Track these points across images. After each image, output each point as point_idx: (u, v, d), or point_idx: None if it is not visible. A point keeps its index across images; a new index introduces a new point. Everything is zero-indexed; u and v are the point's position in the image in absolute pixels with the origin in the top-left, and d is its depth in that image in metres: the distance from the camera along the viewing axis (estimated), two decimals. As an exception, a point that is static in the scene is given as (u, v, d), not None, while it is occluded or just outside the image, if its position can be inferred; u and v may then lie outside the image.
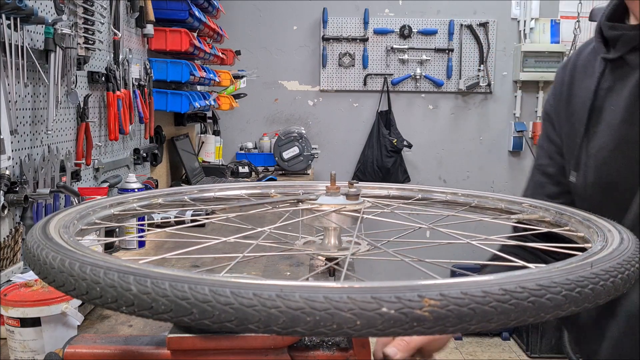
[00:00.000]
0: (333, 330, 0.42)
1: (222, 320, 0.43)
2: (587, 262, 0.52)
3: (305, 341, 0.72)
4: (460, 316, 0.43)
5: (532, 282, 0.46)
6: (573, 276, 0.48)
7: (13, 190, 1.44)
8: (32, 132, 1.61)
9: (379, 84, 4.25)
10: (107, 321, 1.21)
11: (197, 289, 0.44)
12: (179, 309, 0.44)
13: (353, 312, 0.42)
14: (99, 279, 0.47)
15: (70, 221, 0.71)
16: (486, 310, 0.44)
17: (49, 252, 0.54)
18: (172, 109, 2.71)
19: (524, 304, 0.45)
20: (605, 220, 0.72)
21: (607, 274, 0.51)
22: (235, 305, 0.43)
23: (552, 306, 0.46)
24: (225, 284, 0.44)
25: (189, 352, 0.69)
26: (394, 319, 0.42)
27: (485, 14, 4.25)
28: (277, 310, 0.42)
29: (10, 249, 1.38)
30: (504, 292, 0.44)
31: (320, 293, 0.43)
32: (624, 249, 0.58)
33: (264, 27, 4.23)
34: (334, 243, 0.74)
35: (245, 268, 1.58)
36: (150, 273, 0.46)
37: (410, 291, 0.43)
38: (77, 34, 1.84)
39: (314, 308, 0.42)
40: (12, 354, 1.00)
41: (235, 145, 4.19)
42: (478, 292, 0.44)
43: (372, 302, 0.42)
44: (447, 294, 0.43)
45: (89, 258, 0.51)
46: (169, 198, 0.95)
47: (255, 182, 1.09)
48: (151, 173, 2.76)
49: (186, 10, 2.64)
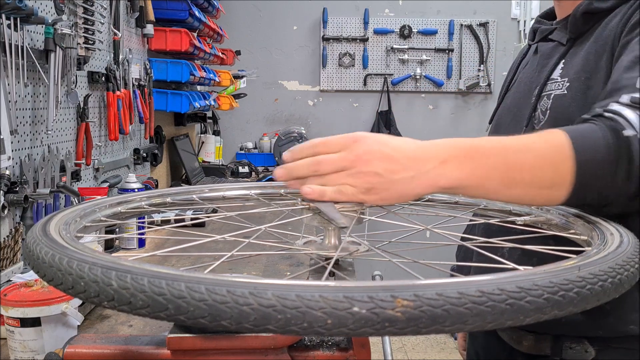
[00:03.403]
0: (304, 329, 0.43)
1: (196, 316, 0.44)
2: (575, 265, 0.51)
3: (305, 341, 0.72)
4: (433, 317, 0.43)
5: (512, 284, 0.45)
6: (557, 279, 0.48)
7: (13, 190, 1.44)
8: (32, 132, 1.61)
9: (379, 84, 4.25)
10: (107, 321, 1.21)
11: (173, 285, 0.44)
12: (155, 304, 0.45)
13: (324, 310, 0.42)
14: (83, 273, 0.48)
15: (72, 218, 0.72)
16: (461, 312, 0.43)
17: (42, 247, 0.55)
18: (172, 109, 2.71)
19: (501, 306, 0.44)
20: (610, 224, 0.71)
21: (595, 278, 0.50)
22: (208, 302, 0.43)
23: (532, 309, 0.45)
24: (201, 280, 0.44)
25: (189, 352, 0.69)
26: (365, 318, 0.42)
27: (485, 14, 4.25)
28: (249, 308, 0.43)
29: (10, 249, 1.38)
30: (480, 294, 0.44)
31: (293, 291, 0.43)
32: (620, 252, 0.57)
33: (264, 27, 4.23)
34: (333, 243, 0.74)
35: (245, 268, 1.58)
36: (132, 269, 0.47)
37: (384, 291, 0.43)
38: (77, 34, 1.84)
39: (285, 306, 0.43)
40: (12, 354, 1.00)
41: (235, 145, 4.19)
42: (454, 293, 0.44)
43: (344, 302, 0.43)
44: (422, 295, 0.43)
45: (79, 254, 0.52)
46: (177, 197, 0.96)
47: (264, 182, 1.09)
48: (151, 173, 2.76)
49: (186, 10, 2.64)
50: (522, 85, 1.13)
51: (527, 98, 1.08)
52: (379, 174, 0.68)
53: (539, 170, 0.72)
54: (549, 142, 0.74)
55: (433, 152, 0.70)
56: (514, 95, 1.16)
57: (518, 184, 0.71)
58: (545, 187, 0.73)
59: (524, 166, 0.72)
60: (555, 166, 0.72)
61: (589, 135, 0.74)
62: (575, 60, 0.99)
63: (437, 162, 0.69)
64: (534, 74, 1.10)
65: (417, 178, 0.68)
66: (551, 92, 1.01)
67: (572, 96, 0.96)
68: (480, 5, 4.25)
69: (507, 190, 0.72)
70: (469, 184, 0.70)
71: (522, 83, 1.14)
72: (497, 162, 0.71)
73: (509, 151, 0.72)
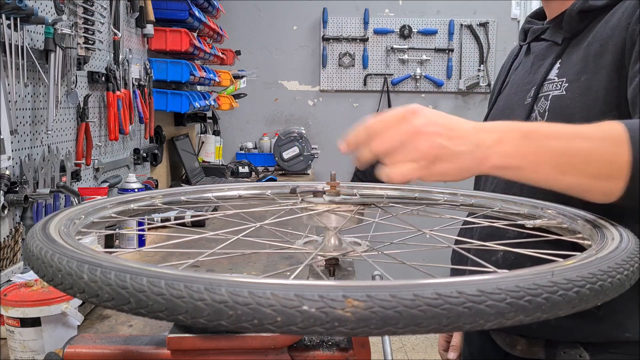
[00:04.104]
0: (255, 326, 0.43)
1: (155, 310, 0.45)
2: (548, 270, 0.49)
3: (305, 341, 0.72)
4: (384, 319, 0.43)
5: (473, 287, 0.44)
6: (525, 283, 0.46)
7: (13, 190, 1.44)
8: (32, 132, 1.61)
9: (379, 84, 4.25)
10: (107, 321, 1.21)
11: (136, 280, 0.46)
12: (119, 297, 0.46)
13: (274, 308, 0.43)
14: (61, 266, 0.51)
15: (76, 216, 0.73)
16: (414, 314, 0.43)
17: (37, 242, 0.57)
18: (172, 109, 2.71)
19: (458, 309, 0.43)
20: (617, 228, 0.68)
21: (570, 284, 0.48)
22: (166, 296, 0.44)
23: (493, 314, 0.44)
24: (161, 275, 0.46)
25: (188, 352, 0.69)
26: (314, 317, 0.42)
27: (485, 14, 4.25)
28: (203, 303, 0.44)
29: (10, 249, 1.38)
30: (437, 297, 0.43)
31: (246, 288, 0.43)
32: (608, 258, 0.55)
33: (264, 27, 4.23)
34: (333, 243, 0.74)
35: (246, 268, 1.58)
36: (103, 263, 0.49)
37: (335, 291, 0.43)
38: (77, 34, 1.84)
39: (236, 302, 0.43)
40: (12, 354, 1.00)
41: (235, 145, 4.19)
42: (409, 295, 0.43)
43: (294, 300, 0.43)
44: (374, 296, 0.43)
45: (66, 249, 0.54)
46: (192, 196, 0.97)
47: (280, 182, 1.09)
48: (151, 173, 2.76)
49: (186, 10, 2.64)
50: (516, 87, 1.12)
51: (522, 99, 1.08)
52: (442, 145, 0.67)
53: (595, 159, 0.70)
54: (607, 133, 0.72)
55: (490, 129, 0.70)
56: (508, 98, 1.14)
57: (572, 171, 0.70)
58: (599, 178, 0.71)
59: (580, 153, 0.70)
60: (611, 158, 0.70)
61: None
62: (573, 60, 0.99)
63: (494, 139, 0.68)
64: (529, 75, 1.09)
65: (476, 152, 0.67)
66: (549, 93, 1.00)
67: (571, 96, 0.95)
68: (480, 5, 4.25)
69: (561, 176, 0.70)
70: (522, 165, 0.69)
71: (516, 84, 1.13)
72: (554, 145, 0.70)
73: (566, 137, 0.71)
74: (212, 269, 1.55)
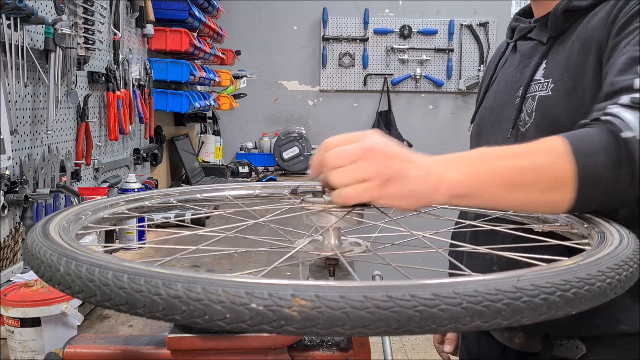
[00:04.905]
0: (206, 321, 0.44)
1: (117, 303, 0.47)
2: (515, 275, 0.47)
3: (305, 341, 0.72)
4: (331, 319, 0.43)
5: (427, 290, 0.44)
6: (484, 288, 0.45)
7: (13, 190, 1.44)
8: (32, 132, 1.61)
9: (379, 84, 4.25)
10: (107, 321, 1.21)
11: (103, 273, 0.48)
12: (88, 290, 0.49)
13: (223, 305, 0.43)
14: (44, 258, 0.54)
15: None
16: (362, 316, 0.43)
17: (33, 239, 0.60)
18: (172, 109, 2.71)
19: (408, 312, 0.43)
20: (620, 232, 0.66)
21: (537, 290, 0.46)
22: (127, 290, 0.46)
23: (446, 318, 0.43)
24: (125, 269, 0.47)
25: (188, 352, 0.69)
26: (262, 315, 0.43)
27: (485, 14, 4.25)
28: (159, 297, 0.45)
29: (10, 249, 1.38)
30: (387, 299, 0.43)
31: (199, 284, 0.44)
32: (587, 265, 0.52)
33: (264, 27, 4.23)
34: (333, 243, 0.74)
35: (246, 268, 1.58)
36: (79, 257, 0.51)
37: (285, 289, 0.43)
38: (77, 34, 1.84)
39: (189, 298, 0.44)
40: (12, 354, 1.00)
41: (235, 145, 4.19)
42: (358, 296, 0.43)
43: (243, 297, 0.43)
44: (322, 296, 0.43)
45: (57, 246, 0.56)
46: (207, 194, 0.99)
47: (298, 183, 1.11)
48: (151, 173, 2.76)
49: (186, 10, 2.64)
50: (504, 85, 1.13)
51: (510, 98, 1.08)
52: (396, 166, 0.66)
53: (541, 173, 0.71)
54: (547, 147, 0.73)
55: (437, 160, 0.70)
56: (496, 95, 1.15)
57: (520, 187, 0.71)
58: (548, 191, 0.72)
59: (525, 169, 0.71)
60: (556, 169, 0.71)
61: (587, 139, 0.73)
62: (558, 60, 0.99)
63: (442, 167, 0.69)
64: (516, 74, 1.10)
65: (428, 179, 0.67)
66: (535, 94, 1.00)
67: (557, 97, 0.96)
68: (480, 5, 4.25)
69: (510, 195, 0.71)
70: (472, 190, 0.70)
71: (503, 82, 1.14)
72: (499, 165, 0.71)
73: (509, 156, 0.72)
74: (212, 269, 1.55)
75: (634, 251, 0.59)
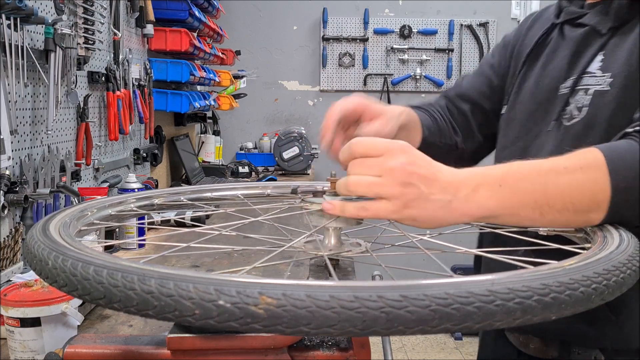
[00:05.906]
0: (176, 317, 0.45)
1: (96, 297, 0.48)
2: (490, 279, 0.47)
3: (305, 341, 0.72)
4: (296, 318, 0.43)
5: (395, 292, 0.43)
6: (455, 291, 0.44)
7: (13, 190, 1.44)
8: (32, 132, 1.61)
9: (379, 84, 4.25)
10: (107, 321, 1.21)
11: (85, 268, 0.50)
12: (71, 284, 0.50)
13: (193, 301, 0.44)
14: (37, 253, 0.57)
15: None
16: (327, 315, 0.43)
17: (31, 234, 0.62)
18: (172, 109, 2.71)
19: (374, 313, 0.43)
20: (622, 236, 0.65)
21: (511, 294, 0.45)
22: (105, 285, 0.48)
23: (413, 320, 0.43)
24: (107, 265, 0.49)
25: (188, 352, 0.69)
26: (229, 312, 0.43)
27: (485, 14, 4.25)
28: (133, 293, 0.46)
29: (10, 249, 1.38)
30: (353, 299, 0.43)
31: (172, 281, 0.45)
32: (573, 269, 0.51)
33: (264, 27, 4.23)
34: (333, 243, 0.74)
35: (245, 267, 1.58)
36: (67, 252, 0.53)
37: (252, 287, 0.44)
38: (77, 34, 1.84)
39: (161, 293, 0.45)
40: (12, 354, 1.00)
41: (235, 145, 4.19)
42: (324, 296, 0.43)
43: (212, 294, 0.44)
44: (289, 295, 0.43)
45: (51, 241, 0.58)
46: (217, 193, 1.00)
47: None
48: (151, 173, 2.76)
49: (186, 10, 2.64)
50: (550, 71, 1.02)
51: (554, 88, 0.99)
52: (419, 190, 0.64)
53: (577, 196, 0.69)
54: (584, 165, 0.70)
55: (465, 178, 0.68)
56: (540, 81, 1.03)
57: (552, 210, 0.68)
58: (580, 212, 0.69)
59: (561, 192, 0.68)
60: (594, 192, 0.69)
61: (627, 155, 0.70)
62: (620, 53, 0.91)
63: (469, 189, 0.66)
64: (562, 63, 1.00)
65: (452, 203, 0.65)
66: (589, 87, 0.92)
67: (616, 94, 0.89)
68: (480, 5, 4.25)
69: (541, 217, 0.68)
70: (501, 212, 0.68)
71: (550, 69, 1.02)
72: (530, 187, 0.68)
73: (541, 175, 0.69)
74: (212, 269, 1.55)
75: (629, 256, 0.57)
